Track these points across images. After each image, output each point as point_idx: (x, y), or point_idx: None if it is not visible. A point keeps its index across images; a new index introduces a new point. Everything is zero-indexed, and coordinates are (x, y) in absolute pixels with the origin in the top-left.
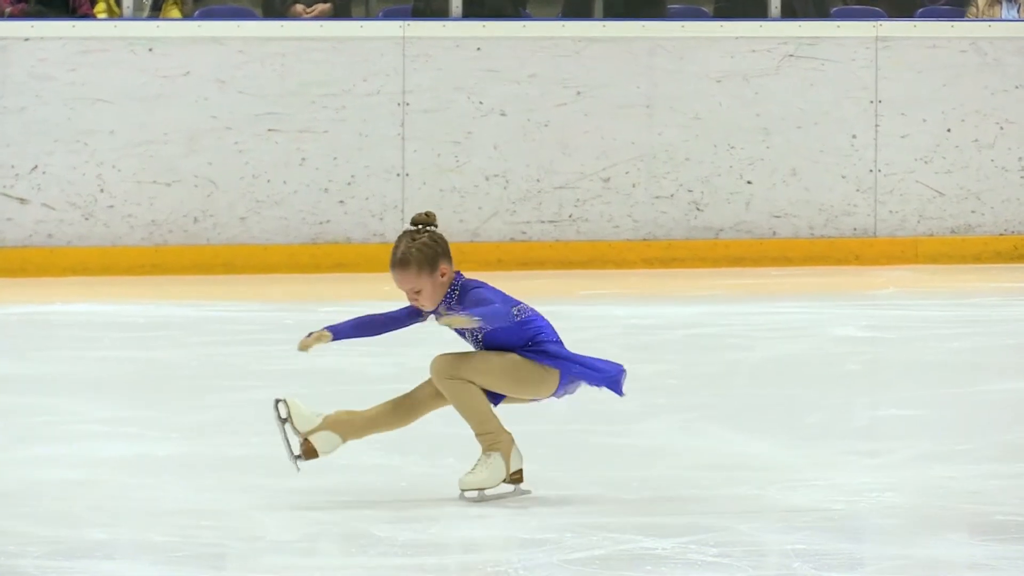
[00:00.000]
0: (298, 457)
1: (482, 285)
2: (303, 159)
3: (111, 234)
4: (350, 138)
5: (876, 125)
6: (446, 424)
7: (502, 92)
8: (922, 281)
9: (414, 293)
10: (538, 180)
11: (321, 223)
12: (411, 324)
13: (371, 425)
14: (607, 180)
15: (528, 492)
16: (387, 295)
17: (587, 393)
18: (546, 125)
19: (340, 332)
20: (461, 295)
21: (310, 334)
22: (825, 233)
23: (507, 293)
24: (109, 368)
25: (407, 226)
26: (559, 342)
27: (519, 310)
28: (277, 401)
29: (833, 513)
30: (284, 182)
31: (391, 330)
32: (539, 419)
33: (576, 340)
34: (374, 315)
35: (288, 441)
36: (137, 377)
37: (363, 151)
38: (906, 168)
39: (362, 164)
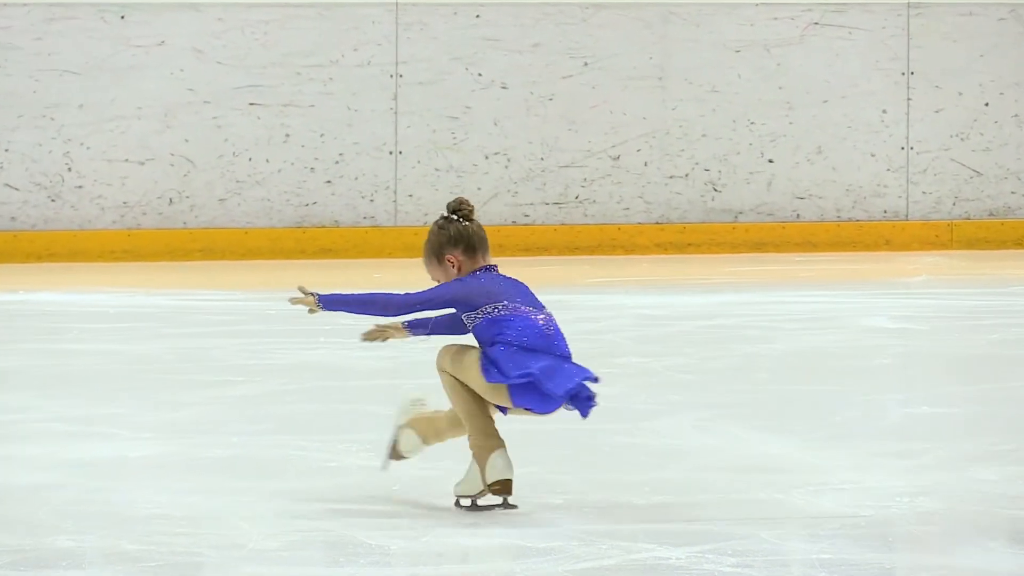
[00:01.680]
0: (391, 458)
1: (467, 279)
2: (287, 135)
3: (79, 217)
4: (338, 113)
5: (908, 99)
6: None
7: (503, 63)
8: (958, 268)
9: (436, 283)
10: (542, 158)
11: (307, 205)
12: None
13: (453, 428)
14: (617, 158)
15: (514, 507)
16: (378, 283)
17: (595, 389)
18: (551, 99)
19: (415, 330)
20: None
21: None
22: (853, 216)
23: (523, 289)
24: (77, 362)
25: (405, 209)
26: (521, 346)
27: (495, 307)
28: (414, 400)
29: (862, 520)
30: (267, 160)
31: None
32: (542, 417)
33: (583, 332)
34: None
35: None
36: (107, 372)
37: (352, 127)
38: (940, 145)
39: (351, 141)
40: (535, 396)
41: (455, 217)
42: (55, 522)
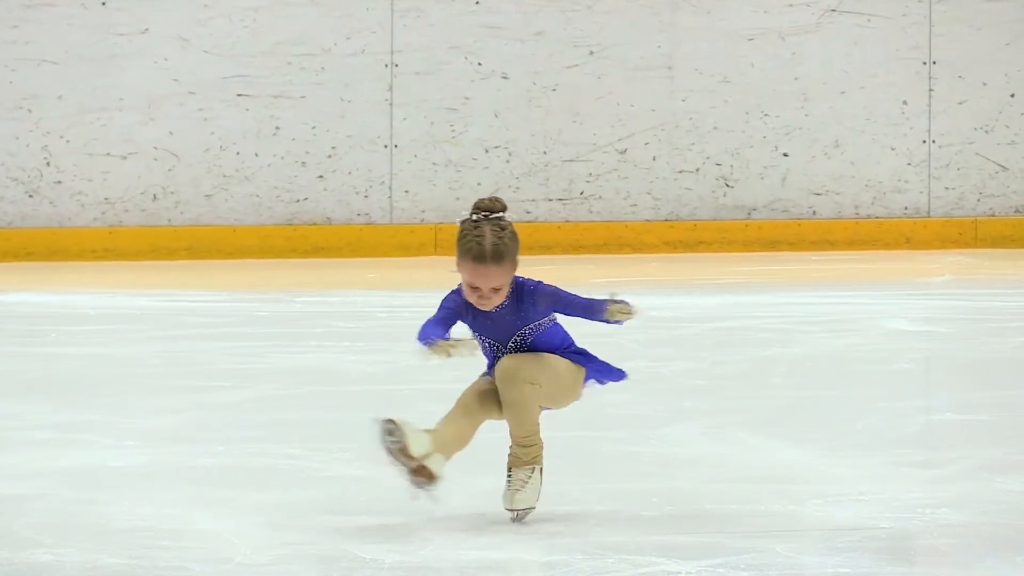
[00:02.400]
0: (420, 485)
1: (536, 281)
2: (277, 128)
3: (58, 214)
4: (331, 104)
5: (930, 90)
6: None
7: (504, 52)
8: (983, 267)
9: (492, 291)
10: (545, 152)
11: (298, 201)
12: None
13: (459, 442)
14: (623, 152)
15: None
16: (372, 283)
17: (600, 395)
18: (554, 90)
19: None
20: (520, 292)
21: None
22: (872, 213)
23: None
24: (56, 367)
25: (466, 214)
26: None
27: None
28: (386, 424)
29: (881, 532)
30: (256, 154)
31: None
32: (546, 424)
33: (588, 335)
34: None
35: (407, 466)
36: (88, 377)
37: (346, 119)
38: (964, 138)
39: (344, 134)
40: (601, 375)
41: (468, 214)
42: (33, 535)
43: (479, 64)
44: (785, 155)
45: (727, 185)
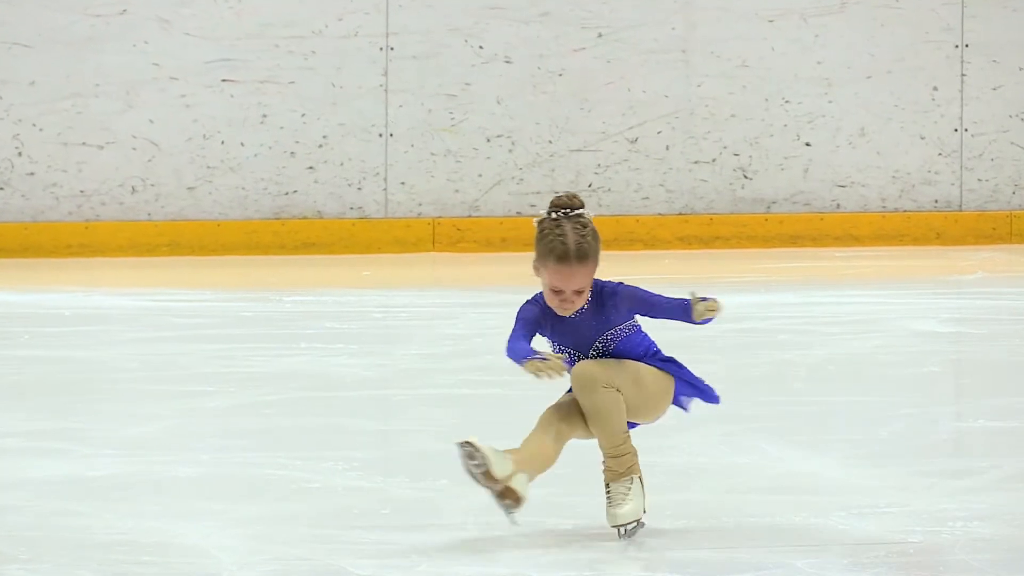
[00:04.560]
0: (508, 508)
1: (616, 282)
2: (264, 116)
3: (31, 207)
4: (322, 90)
5: (962, 75)
6: (436, 439)
7: (507, 34)
8: (1018, 264)
9: (575, 293)
10: (550, 142)
11: (287, 194)
12: None
13: (542, 460)
14: (634, 141)
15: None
16: (366, 281)
17: None
18: (560, 75)
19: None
20: (600, 295)
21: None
22: (899, 206)
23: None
24: (29, 370)
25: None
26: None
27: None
28: (464, 447)
29: (909, 546)
30: (241, 144)
31: None
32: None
33: None
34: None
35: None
36: (63, 381)
37: (337, 106)
38: (998, 127)
39: (336, 122)
40: (691, 390)
41: (547, 214)
42: (6, 549)
43: (480, 47)
44: (807, 145)
45: (745, 177)
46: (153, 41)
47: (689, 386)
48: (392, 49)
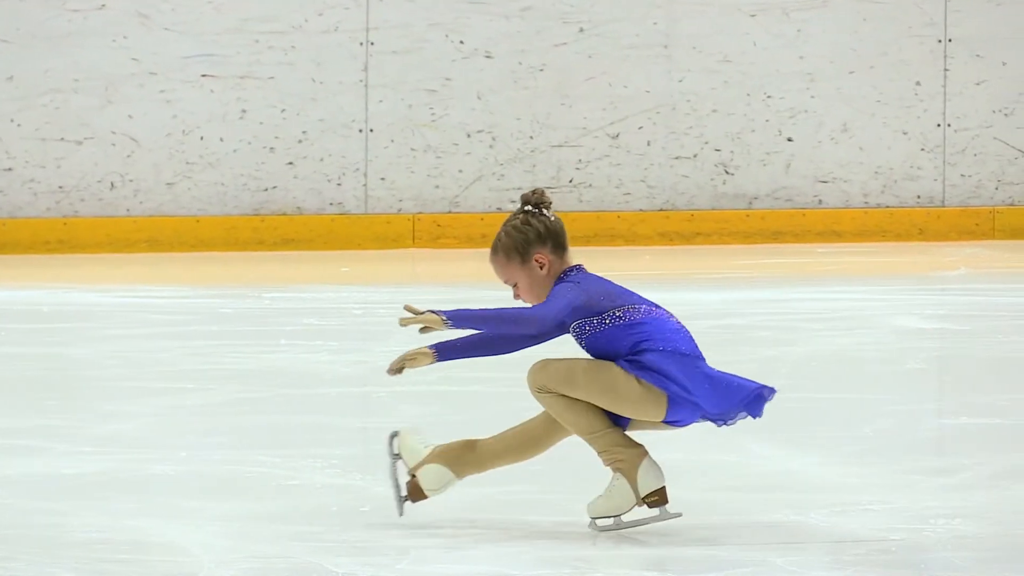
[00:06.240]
0: (405, 499)
1: (577, 280)
2: (244, 111)
3: (9, 203)
4: (302, 85)
5: (945, 70)
6: None
7: (488, 29)
8: (1001, 260)
9: (512, 287)
10: (531, 137)
11: (266, 190)
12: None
13: (494, 458)
14: (616, 137)
15: (677, 515)
16: (345, 278)
17: None
18: (541, 70)
19: (446, 353)
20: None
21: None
22: (882, 202)
23: (625, 287)
24: (7, 367)
25: (377, 195)
26: (676, 352)
27: (624, 311)
28: (392, 436)
29: (892, 544)
30: (221, 139)
31: (509, 350)
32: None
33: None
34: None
35: (397, 481)
36: (41, 378)
37: (317, 101)
38: (982, 122)
39: (316, 117)
40: (690, 409)
41: (537, 210)
42: None
43: (461, 42)
44: (789, 140)
45: (727, 172)
46: (132, 36)
47: (683, 395)
48: (372, 44)
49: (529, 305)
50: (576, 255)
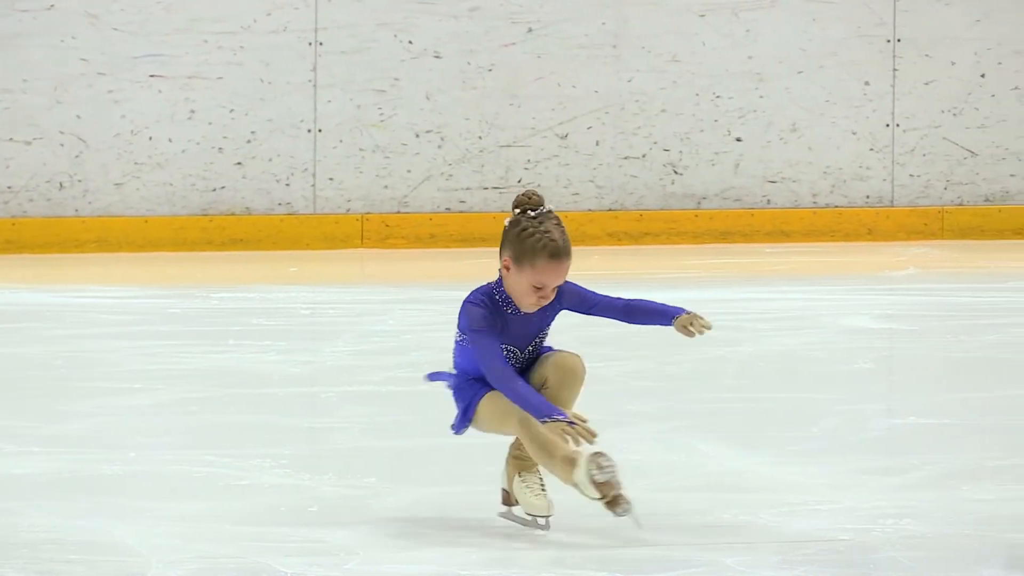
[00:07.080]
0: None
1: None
2: (192, 111)
3: None
4: (250, 86)
5: (894, 69)
6: (364, 437)
7: (436, 29)
8: (950, 260)
9: (553, 289)
10: (480, 137)
11: (214, 190)
12: None
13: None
14: (564, 137)
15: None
16: (294, 278)
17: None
18: (490, 70)
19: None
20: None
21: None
22: (831, 202)
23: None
24: None
25: (518, 212)
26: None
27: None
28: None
29: (840, 544)
30: (169, 140)
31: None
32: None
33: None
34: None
35: (637, 522)
36: None
37: (266, 101)
38: (930, 122)
39: (265, 117)
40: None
41: (519, 212)
42: None
43: (409, 42)
44: (738, 140)
45: (676, 172)
46: (81, 36)
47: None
48: (321, 44)
49: (535, 310)
50: None
